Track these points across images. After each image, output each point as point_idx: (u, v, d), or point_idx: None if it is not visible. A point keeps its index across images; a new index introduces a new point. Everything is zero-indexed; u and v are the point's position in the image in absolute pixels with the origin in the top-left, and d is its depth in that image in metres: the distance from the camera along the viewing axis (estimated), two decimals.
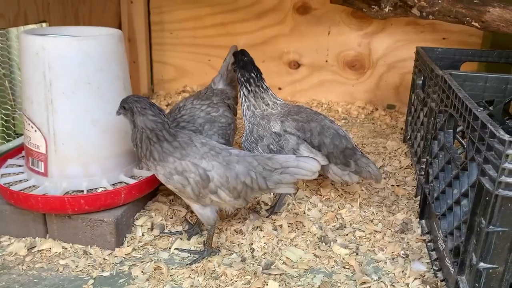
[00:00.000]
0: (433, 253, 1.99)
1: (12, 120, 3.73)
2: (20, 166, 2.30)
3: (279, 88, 4.11)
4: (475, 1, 2.67)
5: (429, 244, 2.07)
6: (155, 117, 1.85)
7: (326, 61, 3.96)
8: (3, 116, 3.66)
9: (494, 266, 1.50)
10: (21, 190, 2.05)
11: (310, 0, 3.81)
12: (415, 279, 1.88)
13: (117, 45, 2.10)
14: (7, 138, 3.60)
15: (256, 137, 2.34)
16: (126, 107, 1.88)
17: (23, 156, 2.30)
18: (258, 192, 1.99)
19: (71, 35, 2.11)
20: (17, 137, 3.39)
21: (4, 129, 3.65)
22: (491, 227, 1.45)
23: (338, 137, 2.29)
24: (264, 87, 2.41)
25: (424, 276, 1.90)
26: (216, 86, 2.77)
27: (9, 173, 2.23)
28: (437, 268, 1.90)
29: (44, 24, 3.07)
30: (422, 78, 2.85)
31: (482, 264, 1.51)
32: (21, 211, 2.06)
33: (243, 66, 2.42)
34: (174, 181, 1.88)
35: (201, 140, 1.96)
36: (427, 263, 1.97)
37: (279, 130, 2.30)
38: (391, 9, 3.08)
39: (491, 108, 2.25)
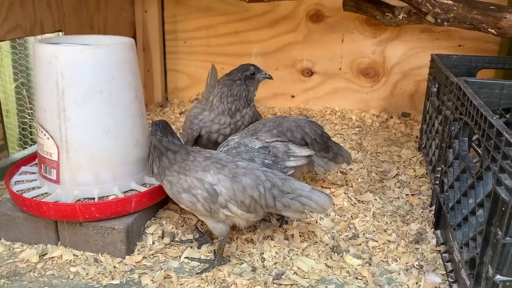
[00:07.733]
0: (449, 264, 1.94)
1: (29, 128, 3.79)
2: (33, 173, 2.32)
3: (292, 96, 4.10)
4: (491, 7, 2.62)
5: (444, 255, 2.02)
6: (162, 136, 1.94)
7: (340, 68, 3.94)
8: (20, 124, 3.72)
9: (511, 279, 1.45)
10: (33, 197, 2.06)
11: (323, 8, 3.80)
12: None
13: (129, 54, 2.11)
14: (24, 146, 3.66)
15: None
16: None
17: (36, 164, 2.32)
18: (263, 210, 1.92)
19: (84, 43, 2.13)
20: (34, 144, 3.44)
21: (21, 137, 3.71)
22: (507, 238, 1.41)
23: (313, 123, 2.41)
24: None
25: None
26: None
27: (22, 180, 2.26)
28: (452, 280, 1.85)
29: (60, 34, 3.12)
30: (437, 85, 2.81)
31: (498, 277, 1.46)
32: (33, 218, 2.07)
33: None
34: (184, 200, 1.91)
35: (205, 154, 1.97)
36: (442, 274, 1.92)
37: (263, 144, 2.23)
38: (405, 16, 3.05)
39: (508, 116, 2.20)
